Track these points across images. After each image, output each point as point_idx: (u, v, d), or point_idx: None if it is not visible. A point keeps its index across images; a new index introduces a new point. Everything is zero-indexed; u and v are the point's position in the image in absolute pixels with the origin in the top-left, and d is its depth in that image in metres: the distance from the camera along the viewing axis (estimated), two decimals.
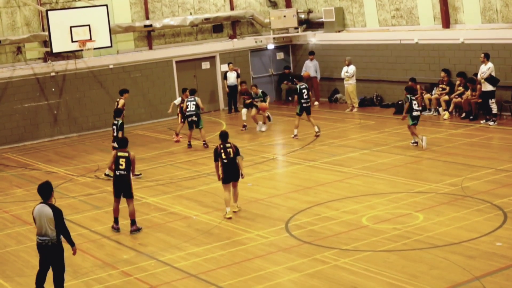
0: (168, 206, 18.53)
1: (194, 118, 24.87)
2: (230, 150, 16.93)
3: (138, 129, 30.22)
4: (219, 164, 17.05)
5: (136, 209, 16.87)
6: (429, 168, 20.16)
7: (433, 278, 12.57)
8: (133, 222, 16.53)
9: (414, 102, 22.40)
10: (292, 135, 25.46)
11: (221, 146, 16.97)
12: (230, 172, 16.96)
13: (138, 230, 16.52)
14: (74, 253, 12.76)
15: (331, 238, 15.07)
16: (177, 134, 26.59)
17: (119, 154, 16.63)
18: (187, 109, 24.98)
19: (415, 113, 22.34)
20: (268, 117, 28.14)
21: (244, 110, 28.05)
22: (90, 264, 14.70)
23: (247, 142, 25.58)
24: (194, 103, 24.98)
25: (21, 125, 29.06)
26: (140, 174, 21.78)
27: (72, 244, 12.53)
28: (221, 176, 17.02)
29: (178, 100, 26.88)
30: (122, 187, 16.47)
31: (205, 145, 25.07)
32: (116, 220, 16.80)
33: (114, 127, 21.16)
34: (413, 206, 16.74)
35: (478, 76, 25.49)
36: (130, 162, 16.48)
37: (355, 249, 14.29)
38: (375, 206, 17.07)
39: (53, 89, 29.75)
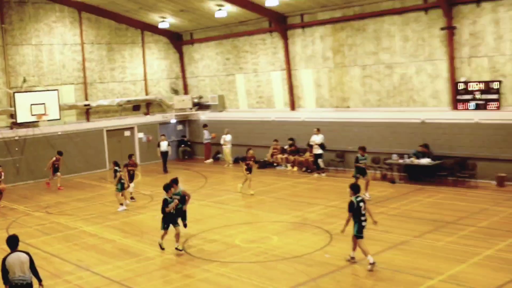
0: (99, 233, 17.97)
1: None
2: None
3: (78, 178, 29.34)
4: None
5: (75, 235, 16.84)
6: (281, 205, 20.34)
7: (284, 280, 12.66)
8: None
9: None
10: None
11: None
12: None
13: None
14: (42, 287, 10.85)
15: (215, 254, 14.98)
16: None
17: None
18: None
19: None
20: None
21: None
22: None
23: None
24: None
25: None
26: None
27: (40, 280, 10.60)
28: None
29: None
30: None
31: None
32: None
33: None
34: (271, 231, 16.85)
35: (311, 142, 26.22)
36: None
37: (232, 261, 14.25)
38: (245, 231, 17.08)
39: (16, 149, 28.56)
